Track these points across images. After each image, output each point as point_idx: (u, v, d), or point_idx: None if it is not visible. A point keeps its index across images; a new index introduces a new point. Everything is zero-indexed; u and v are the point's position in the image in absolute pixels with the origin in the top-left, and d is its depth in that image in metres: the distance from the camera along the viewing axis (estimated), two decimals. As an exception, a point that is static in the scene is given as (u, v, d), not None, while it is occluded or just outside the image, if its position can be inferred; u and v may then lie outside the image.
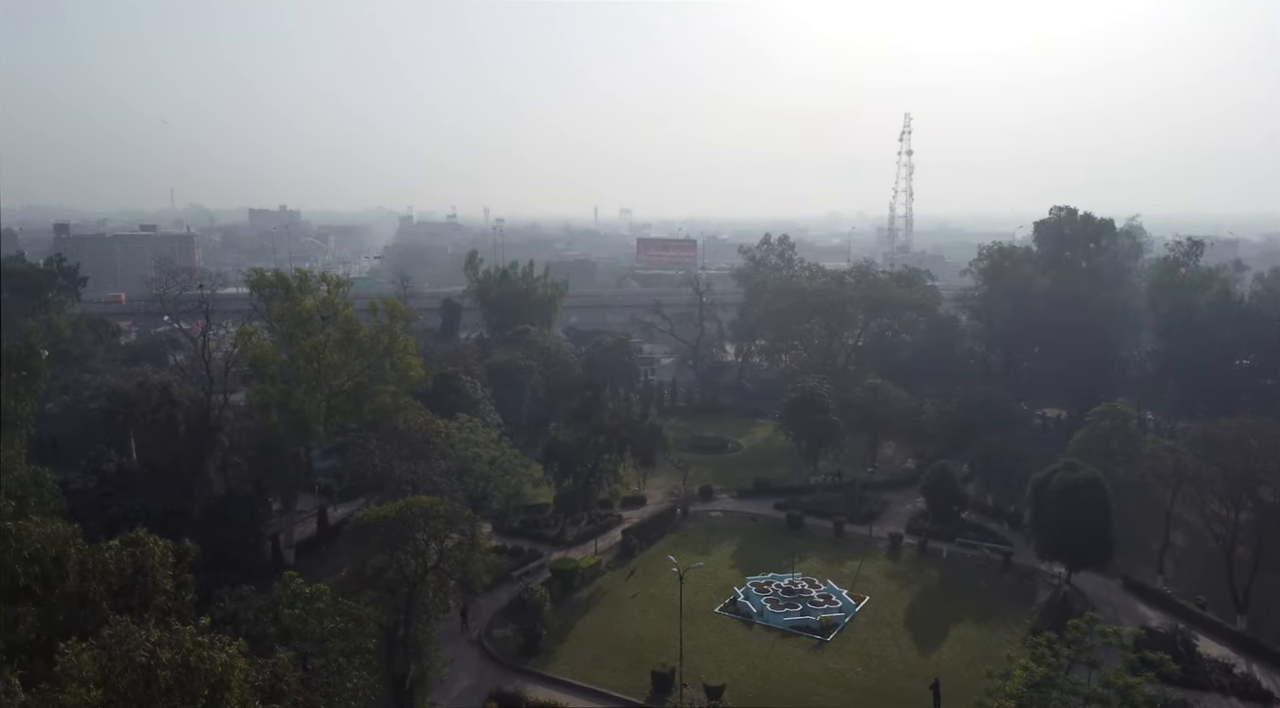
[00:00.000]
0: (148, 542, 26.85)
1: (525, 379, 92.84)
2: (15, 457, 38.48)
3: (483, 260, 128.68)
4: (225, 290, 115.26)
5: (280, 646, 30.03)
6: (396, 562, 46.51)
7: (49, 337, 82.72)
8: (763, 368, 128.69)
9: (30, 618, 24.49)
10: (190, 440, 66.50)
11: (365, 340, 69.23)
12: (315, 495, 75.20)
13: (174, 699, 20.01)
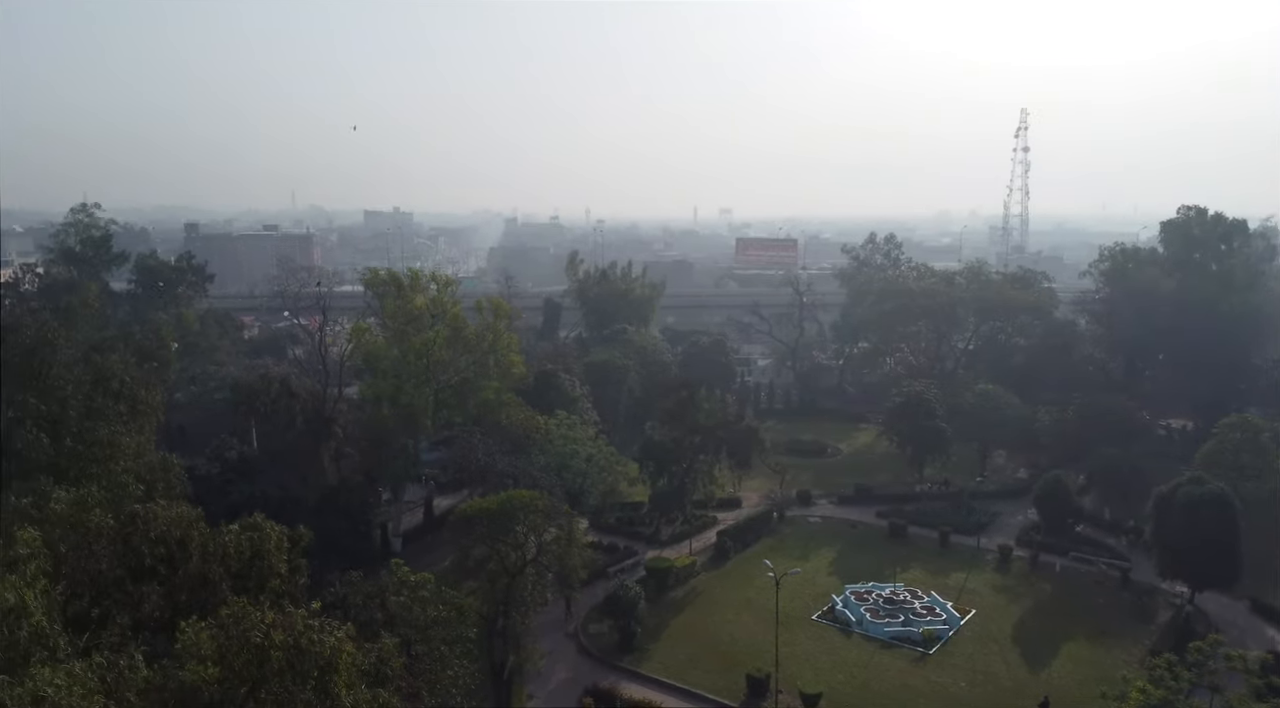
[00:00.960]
0: (265, 527, 28.21)
1: (622, 378, 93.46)
2: (146, 443, 41.04)
3: (583, 261, 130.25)
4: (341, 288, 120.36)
5: (386, 631, 31.06)
6: (497, 553, 47.64)
7: (178, 330, 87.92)
8: (865, 371, 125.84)
9: (155, 597, 26.08)
10: (307, 431, 69.69)
11: (471, 338, 71.11)
12: (422, 486, 77.66)
13: (285, 680, 20.95)
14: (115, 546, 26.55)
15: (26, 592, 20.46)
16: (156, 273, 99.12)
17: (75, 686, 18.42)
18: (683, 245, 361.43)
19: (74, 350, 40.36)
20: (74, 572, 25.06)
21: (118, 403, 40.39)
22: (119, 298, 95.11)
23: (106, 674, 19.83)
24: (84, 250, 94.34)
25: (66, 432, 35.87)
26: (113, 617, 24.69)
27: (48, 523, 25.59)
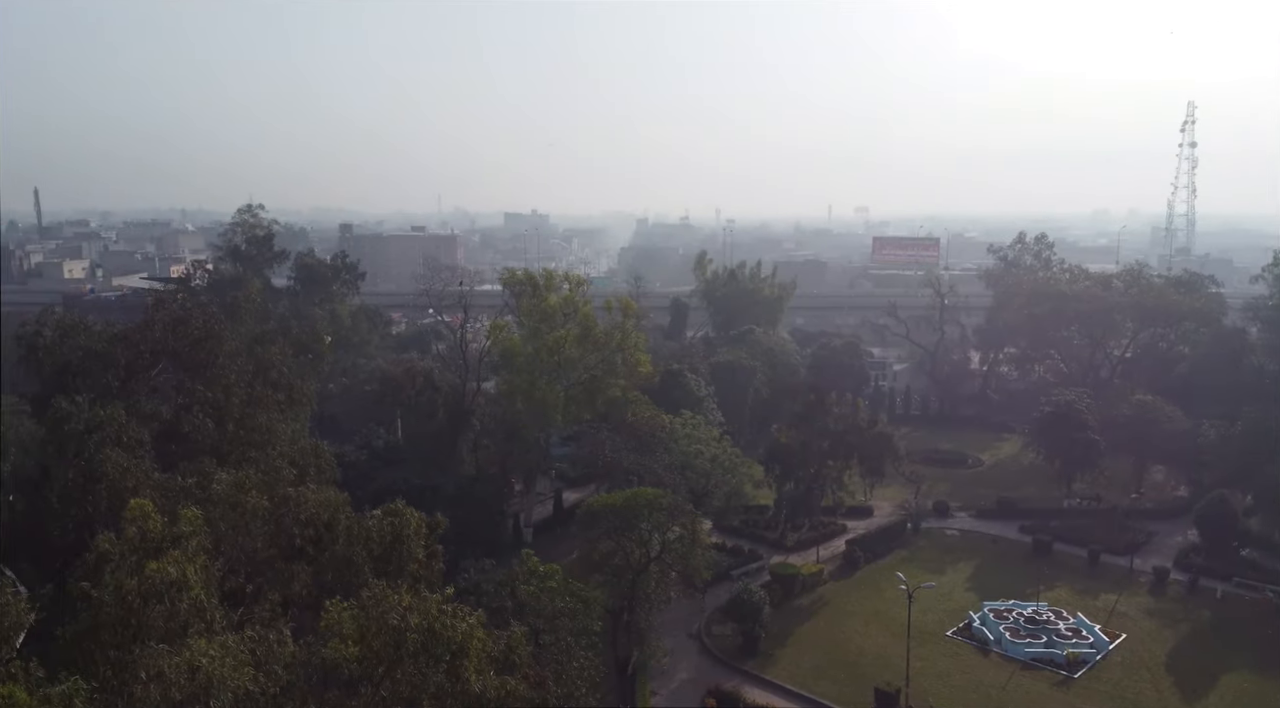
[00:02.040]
0: (405, 513, 29.48)
1: (748, 379, 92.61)
2: (300, 430, 43.82)
3: (711, 261, 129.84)
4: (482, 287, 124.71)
5: (515, 620, 31.90)
6: (622, 549, 48.16)
7: (333, 325, 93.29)
8: (1011, 378, 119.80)
9: (304, 576, 27.74)
10: (447, 423, 72.66)
11: (600, 336, 72.20)
12: (552, 479, 79.47)
13: (419, 662, 21.82)
14: (269, 526, 28.44)
15: (188, 567, 22.15)
16: (313, 270, 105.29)
17: (228, 657, 19.80)
18: (815, 244, 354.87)
19: (238, 342, 43.44)
20: (231, 550, 26.99)
21: (276, 392, 43.22)
22: (279, 293, 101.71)
23: (257, 648, 21.22)
24: (248, 249, 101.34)
25: (230, 418, 38.66)
26: (265, 594, 26.44)
27: (209, 503, 27.64)
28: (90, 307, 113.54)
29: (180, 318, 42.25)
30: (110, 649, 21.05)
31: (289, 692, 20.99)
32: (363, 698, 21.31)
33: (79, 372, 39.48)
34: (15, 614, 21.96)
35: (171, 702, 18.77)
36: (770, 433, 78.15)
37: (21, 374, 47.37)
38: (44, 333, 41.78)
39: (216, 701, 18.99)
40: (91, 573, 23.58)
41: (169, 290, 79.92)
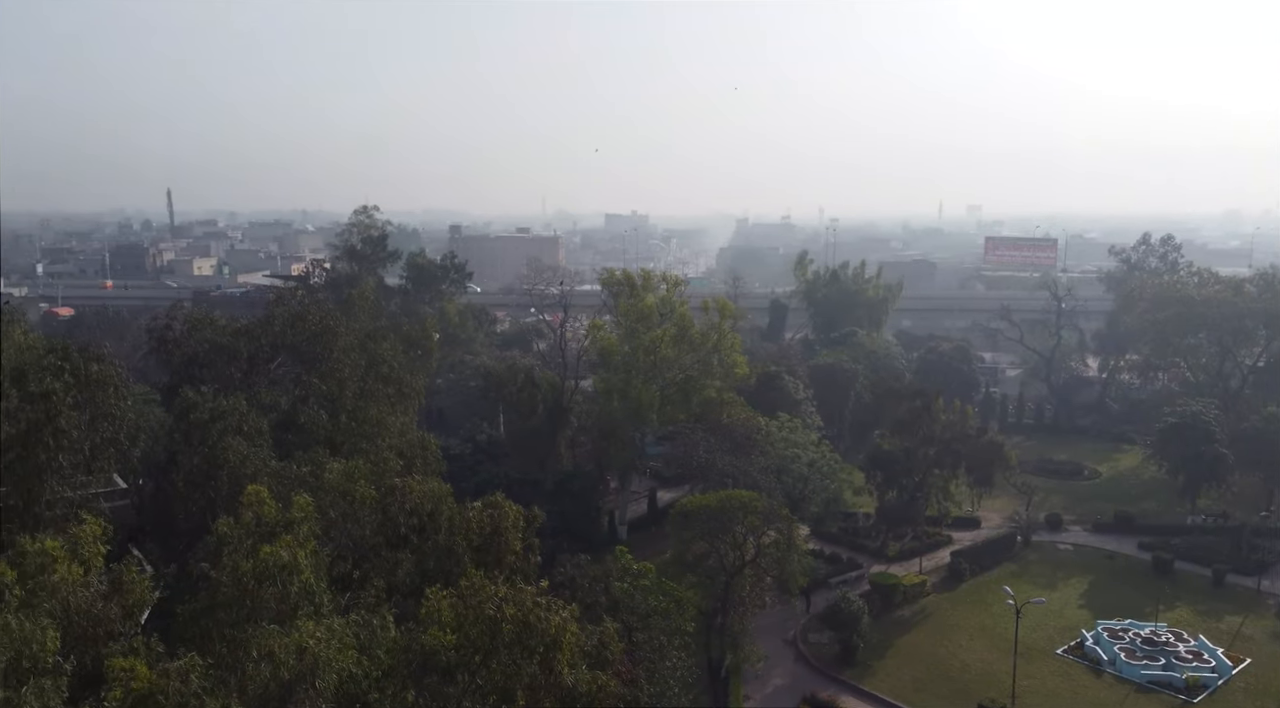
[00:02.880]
0: (504, 506, 30.11)
1: (850, 383, 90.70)
2: (408, 423, 45.24)
3: (812, 261, 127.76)
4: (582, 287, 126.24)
5: (608, 616, 32.13)
6: (716, 551, 47.93)
7: (441, 322, 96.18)
8: (1132, 386, 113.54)
9: (407, 564, 28.66)
10: (546, 419, 73.94)
11: (696, 337, 72.08)
12: (647, 478, 79.79)
13: (514, 652, 22.23)
14: (376, 515, 29.49)
15: (299, 551, 23.17)
16: (424, 270, 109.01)
17: (334, 640, 20.61)
18: (924, 244, 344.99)
19: (352, 338, 45.10)
20: (340, 536, 28.11)
21: (387, 386, 44.81)
22: (391, 292, 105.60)
23: (361, 632, 22.04)
24: (364, 248, 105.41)
25: (343, 409, 40.30)
26: (370, 580, 27.43)
27: (321, 490, 28.85)
28: (217, 302, 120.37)
29: (298, 314, 44.22)
30: (226, 628, 22.25)
31: (390, 676, 21.71)
32: (459, 686, 21.84)
33: (205, 364, 41.74)
34: (140, 592, 23.45)
35: (280, 681, 19.69)
36: (872, 439, 76.29)
37: (153, 365, 50.58)
38: (173, 327, 44.40)
39: (322, 681, 19.81)
40: (211, 555, 24.97)
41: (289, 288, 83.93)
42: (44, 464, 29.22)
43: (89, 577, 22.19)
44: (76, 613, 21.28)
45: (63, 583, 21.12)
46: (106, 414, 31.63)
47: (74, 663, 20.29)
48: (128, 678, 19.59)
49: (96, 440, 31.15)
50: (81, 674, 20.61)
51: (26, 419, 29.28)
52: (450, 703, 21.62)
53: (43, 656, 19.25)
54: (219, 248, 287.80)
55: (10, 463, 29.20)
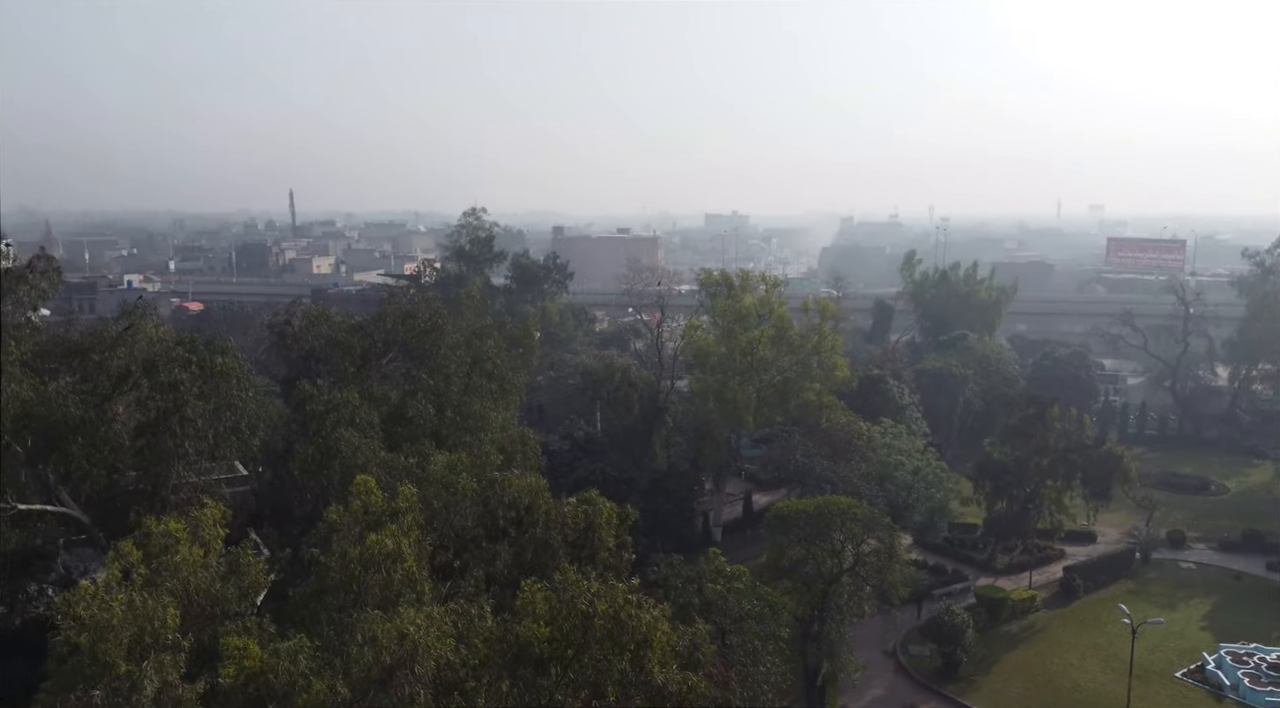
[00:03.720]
0: (597, 502, 30.39)
1: (958, 388, 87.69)
2: (510, 419, 46.20)
3: (920, 261, 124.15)
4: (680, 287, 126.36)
5: (701, 617, 31.97)
6: (813, 557, 47.03)
7: (542, 321, 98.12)
8: (1265, 397, 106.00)
9: (505, 556, 29.24)
10: (642, 418, 74.30)
11: (795, 338, 71.05)
12: (742, 481, 79.19)
13: (606, 647, 22.37)
14: (477, 507, 30.20)
15: (402, 540, 23.93)
16: (527, 270, 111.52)
17: (433, 627, 21.18)
18: (1040, 245, 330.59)
19: (458, 335, 46.33)
20: (442, 526, 28.90)
21: (490, 382, 45.87)
22: (497, 291, 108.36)
23: (459, 621, 22.58)
24: (471, 249, 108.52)
25: (448, 404, 41.44)
26: (470, 570, 28.10)
27: (425, 481, 29.75)
28: (333, 299, 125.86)
29: (409, 311, 45.70)
30: (334, 612, 23.19)
31: (486, 665, 22.17)
32: (552, 678, 22.12)
33: (321, 358, 43.57)
34: (255, 575, 24.68)
35: (382, 665, 20.36)
36: (982, 447, 73.66)
37: (273, 359, 53.21)
38: (293, 322, 46.55)
39: (421, 667, 20.39)
40: (322, 541, 26.05)
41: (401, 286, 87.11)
42: (171, 451, 31.08)
43: (208, 558, 23.50)
44: (196, 592, 22.55)
45: (184, 563, 22.43)
46: (229, 404, 33.37)
47: (192, 640, 21.49)
48: (241, 656, 20.64)
49: (220, 429, 32.90)
50: (198, 651, 21.82)
51: (156, 408, 31.23)
52: (543, 695, 21.92)
53: (163, 632, 20.49)
54: (337, 247, 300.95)
55: (140, 449, 31.22)
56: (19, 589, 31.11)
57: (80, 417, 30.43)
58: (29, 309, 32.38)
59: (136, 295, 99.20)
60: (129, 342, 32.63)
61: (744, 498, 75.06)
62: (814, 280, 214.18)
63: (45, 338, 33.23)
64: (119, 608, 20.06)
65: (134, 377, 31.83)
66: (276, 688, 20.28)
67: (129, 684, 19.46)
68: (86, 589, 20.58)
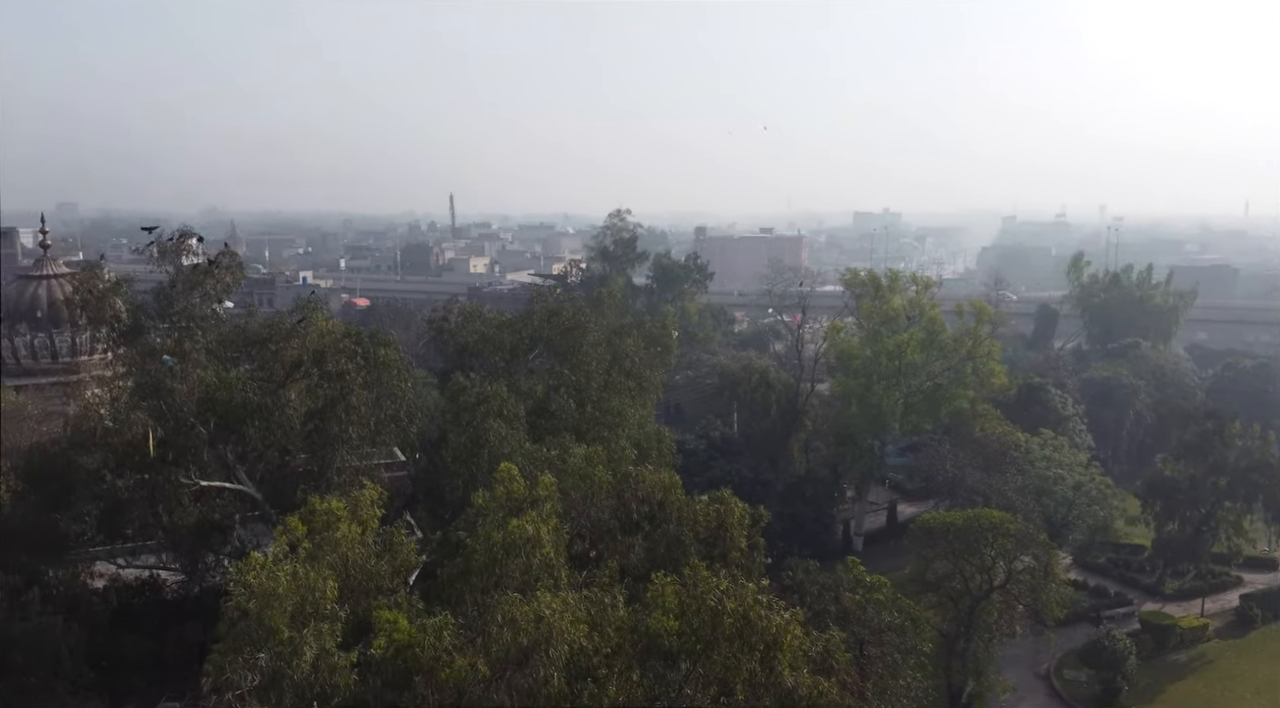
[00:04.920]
0: (729, 501, 30.40)
1: (1128, 400, 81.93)
2: (647, 416, 46.84)
3: (1089, 263, 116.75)
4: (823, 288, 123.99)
5: (836, 625, 31.38)
6: (961, 572, 45.31)
7: (681, 321, 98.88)
8: None
9: (638, 549, 29.71)
10: (780, 420, 73.49)
11: (947, 342, 68.39)
12: (886, 489, 76.97)
13: (735, 646, 22.36)
14: (612, 500, 30.84)
15: (541, 527, 24.74)
16: (668, 270, 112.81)
17: (568, 612, 21.81)
18: (1224, 248, 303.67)
19: (599, 333, 47.35)
20: (579, 517, 29.69)
21: (628, 380, 46.64)
22: (638, 290, 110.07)
23: (592, 608, 23.15)
24: (615, 250, 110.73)
25: (588, 400, 42.45)
26: (605, 560, 28.74)
27: (564, 473, 30.63)
28: (487, 297, 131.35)
29: (554, 310, 47.11)
30: (477, 593, 24.27)
31: (618, 654, 22.64)
32: (681, 672, 22.32)
33: (474, 353, 45.52)
34: (407, 554, 26.17)
35: (519, 646, 21.17)
36: (1152, 464, 68.67)
37: (431, 352, 56.15)
38: (449, 319, 48.86)
39: (555, 650, 21.06)
40: (469, 524, 27.31)
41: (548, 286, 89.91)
42: (337, 435, 33.34)
43: (365, 536, 25.09)
44: (353, 567, 24.11)
45: (343, 540, 24.04)
46: (390, 394, 35.44)
47: (347, 611, 22.99)
48: (391, 630, 21.95)
49: (381, 417, 34.98)
50: (353, 623, 23.32)
51: (324, 396, 33.59)
52: (672, 688, 22.16)
53: (322, 603, 22.03)
54: (492, 248, 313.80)
55: (309, 433, 33.68)
56: (199, 559, 34.15)
57: (257, 402, 33.02)
58: (214, 302, 35.40)
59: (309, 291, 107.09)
60: (302, 334, 35.13)
61: (888, 508, 72.98)
62: (971, 282, 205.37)
63: (228, 329, 36.26)
64: (284, 578, 21.73)
65: (305, 366, 34.24)
66: (422, 661, 21.42)
67: (290, 649, 21.02)
68: (256, 560, 22.38)
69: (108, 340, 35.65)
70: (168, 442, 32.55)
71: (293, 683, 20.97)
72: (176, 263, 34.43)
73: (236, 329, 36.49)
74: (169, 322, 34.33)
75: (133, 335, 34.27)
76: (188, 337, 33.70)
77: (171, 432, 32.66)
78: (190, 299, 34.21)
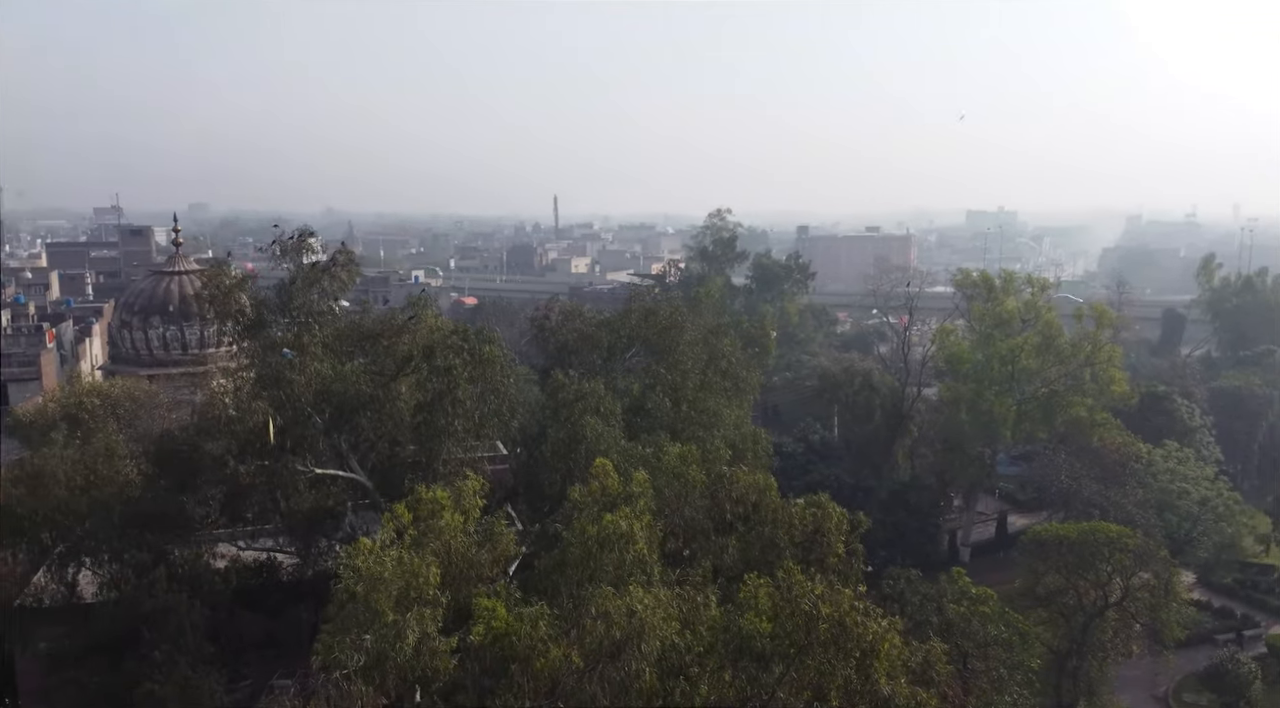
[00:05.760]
0: (827, 506, 29.89)
1: (1261, 411, 76.89)
2: (743, 417, 46.51)
3: (1220, 265, 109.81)
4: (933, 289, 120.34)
5: (938, 637, 30.49)
6: (1074, 587, 43.48)
7: (780, 321, 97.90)
8: None
9: (732, 550, 29.56)
10: (883, 425, 71.82)
11: (1064, 347, 65.50)
12: (996, 500, 74.31)
13: (830, 651, 22.00)
14: (706, 499, 30.79)
15: (635, 523, 24.93)
16: (768, 270, 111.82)
17: (660, 609, 21.91)
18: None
19: (696, 333, 47.38)
20: (672, 515, 29.74)
21: (724, 380, 46.49)
22: (737, 290, 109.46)
23: (685, 606, 23.19)
24: (714, 249, 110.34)
25: (684, 399, 42.49)
26: (698, 559, 28.71)
27: (658, 471, 30.72)
28: (587, 296, 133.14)
29: (651, 309, 47.41)
30: (572, 585, 24.64)
31: (710, 653, 22.61)
32: (774, 675, 22.11)
33: (573, 351, 46.25)
34: (506, 544, 26.79)
35: (612, 639, 21.40)
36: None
37: (533, 350, 57.34)
38: (550, 317, 49.82)
39: (647, 645, 21.18)
40: (565, 518, 27.77)
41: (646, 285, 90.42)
42: (443, 428, 34.37)
43: (467, 525, 25.80)
44: (454, 555, 24.81)
45: (446, 528, 24.77)
46: (494, 389, 36.32)
47: (449, 598, 23.71)
48: (490, 617, 22.52)
49: (485, 411, 35.88)
50: (454, 609, 24.03)
51: (432, 389, 34.70)
52: (764, 691, 21.97)
53: (425, 588, 22.78)
54: (593, 249, 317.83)
55: (417, 425, 34.86)
56: (312, 543, 35.73)
57: (369, 394, 34.39)
58: (331, 299, 37.01)
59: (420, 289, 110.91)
60: (412, 330, 36.41)
61: (997, 518, 70.43)
62: (1091, 285, 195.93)
63: (343, 324, 37.85)
64: (390, 563, 22.56)
65: (415, 361, 35.45)
66: (519, 650, 21.90)
67: (394, 632, 21.82)
68: (365, 545, 23.31)
69: (233, 334, 37.63)
70: (286, 430, 34.20)
71: (396, 665, 21.78)
72: (297, 261, 36.09)
73: (351, 325, 38.02)
74: (289, 317, 36.03)
75: (256, 329, 36.12)
76: (306, 331, 35.34)
77: (290, 421, 34.30)
78: (309, 296, 35.80)
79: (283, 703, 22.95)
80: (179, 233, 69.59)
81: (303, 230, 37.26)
